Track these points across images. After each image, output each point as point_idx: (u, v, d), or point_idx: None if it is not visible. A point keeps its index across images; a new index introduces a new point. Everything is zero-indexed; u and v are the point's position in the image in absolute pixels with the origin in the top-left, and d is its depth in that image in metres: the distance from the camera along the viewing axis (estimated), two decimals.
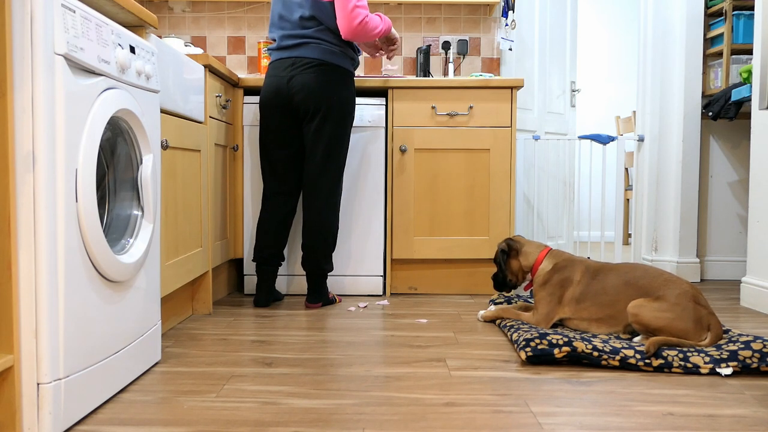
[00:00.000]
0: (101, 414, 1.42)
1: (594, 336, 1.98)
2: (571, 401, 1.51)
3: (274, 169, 2.57)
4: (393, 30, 2.65)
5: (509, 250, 2.28)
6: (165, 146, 1.87)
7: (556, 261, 2.19)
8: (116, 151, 1.63)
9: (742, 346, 1.77)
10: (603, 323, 2.03)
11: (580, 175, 5.54)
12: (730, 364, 1.71)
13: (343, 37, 2.46)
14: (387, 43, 2.72)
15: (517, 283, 2.31)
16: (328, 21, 2.45)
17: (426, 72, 3.26)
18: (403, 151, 2.81)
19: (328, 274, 2.71)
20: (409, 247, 2.85)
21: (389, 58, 2.77)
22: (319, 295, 2.60)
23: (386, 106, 2.86)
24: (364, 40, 2.50)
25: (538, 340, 1.81)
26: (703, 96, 3.28)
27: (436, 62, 3.49)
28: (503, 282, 2.31)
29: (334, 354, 1.91)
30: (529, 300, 2.54)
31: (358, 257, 2.85)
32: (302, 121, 2.54)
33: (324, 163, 2.52)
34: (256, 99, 2.81)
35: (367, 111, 2.82)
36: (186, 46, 2.80)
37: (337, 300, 2.70)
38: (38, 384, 1.25)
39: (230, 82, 2.75)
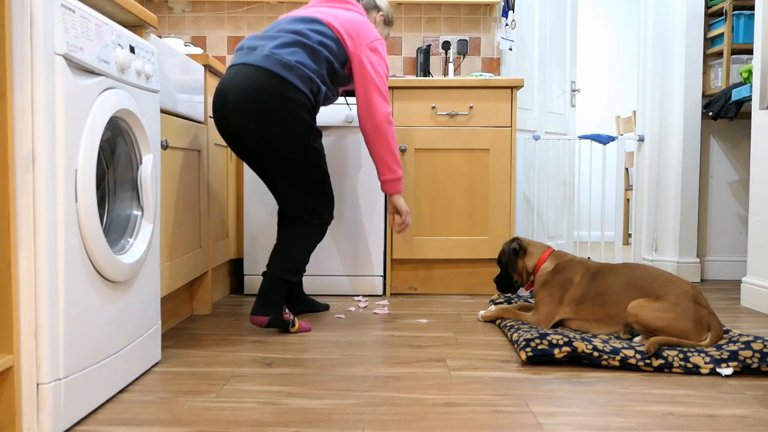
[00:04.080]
0: (101, 414, 1.41)
1: (594, 336, 1.98)
2: (571, 401, 1.51)
3: (268, 185, 2.27)
4: (401, 200, 2.28)
5: (519, 249, 2.27)
6: (165, 146, 1.87)
7: (557, 262, 2.19)
8: (116, 151, 1.63)
9: (743, 346, 1.76)
10: (603, 323, 2.03)
11: (580, 175, 5.54)
12: (730, 364, 1.71)
13: (359, 117, 2.17)
14: (393, 210, 2.32)
15: (522, 283, 2.30)
16: (319, 55, 2.07)
17: (426, 72, 3.26)
18: (403, 151, 2.81)
19: (288, 287, 2.14)
20: (409, 247, 2.85)
21: (399, 231, 2.34)
22: (267, 308, 2.08)
23: None
24: (374, 139, 2.16)
25: (538, 340, 1.81)
26: (703, 96, 3.28)
27: (436, 62, 3.48)
28: (509, 283, 2.30)
29: (334, 354, 1.91)
30: (529, 300, 2.54)
31: (358, 257, 2.85)
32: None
33: (297, 199, 2.14)
34: None
35: None
36: (186, 46, 2.80)
37: (295, 326, 2.14)
38: (38, 384, 1.25)
39: None
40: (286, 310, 2.13)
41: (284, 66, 2.00)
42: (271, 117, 2.00)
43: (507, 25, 3.37)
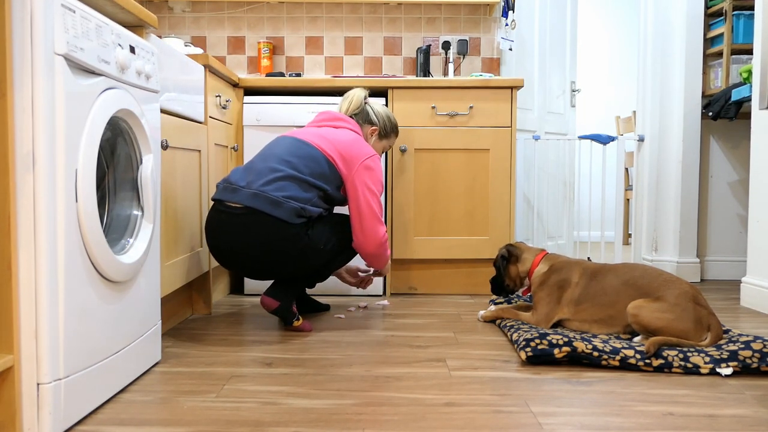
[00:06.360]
0: (101, 414, 1.41)
1: (594, 336, 1.98)
2: (571, 401, 1.51)
3: None
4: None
5: (509, 255, 2.30)
6: (165, 146, 1.87)
7: (552, 263, 2.20)
8: (116, 151, 1.63)
9: (742, 346, 1.76)
10: (603, 324, 2.03)
11: (580, 175, 5.54)
12: (730, 364, 1.71)
13: (355, 245, 2.21)
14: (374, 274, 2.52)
15: (515, 288, 2.34)
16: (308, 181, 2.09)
17: (426, 72, 3.26)
18: (403, 151, 2.81)
19: (306, 285, 2.26)
20: (409, 247, 2.85)
21: (364, 287, 2.54)
22: (281, 295, 2.16)
23: (386, 106, 2.86)
24: (373, 258, 2.25)
25: (538, 340, 1.81)
26: (703, 96, 3.28)
27: (436, 62, 3.48)
28: (501, 286, 2.35)
29: (334, 354, 1.91)
30: (529, 301, 2.54)
31: (358, 257, 2.84)
32: None
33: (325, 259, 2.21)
34: (256, 99, 2.81)
35: None
36: (186, 46, 2.80)
37: (299, 321, 2.19)
38: (38, 384, 1.25)
39: (230, 82, 2.75)
40: (294, 305, 2.19)
41: (272, 203, 2.02)
42: (271, 255, 2.05)
43: (507, 25, 3.37)
